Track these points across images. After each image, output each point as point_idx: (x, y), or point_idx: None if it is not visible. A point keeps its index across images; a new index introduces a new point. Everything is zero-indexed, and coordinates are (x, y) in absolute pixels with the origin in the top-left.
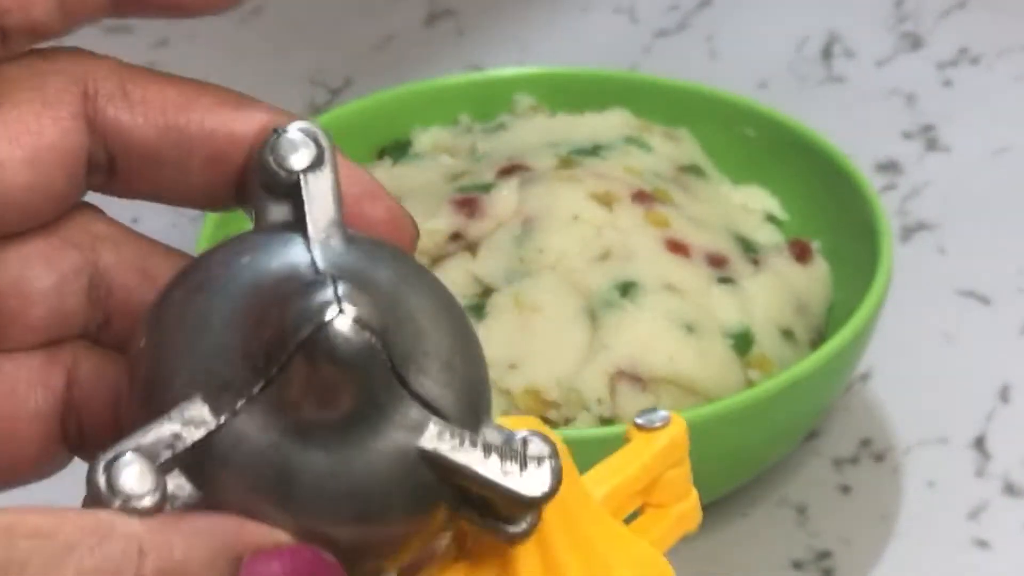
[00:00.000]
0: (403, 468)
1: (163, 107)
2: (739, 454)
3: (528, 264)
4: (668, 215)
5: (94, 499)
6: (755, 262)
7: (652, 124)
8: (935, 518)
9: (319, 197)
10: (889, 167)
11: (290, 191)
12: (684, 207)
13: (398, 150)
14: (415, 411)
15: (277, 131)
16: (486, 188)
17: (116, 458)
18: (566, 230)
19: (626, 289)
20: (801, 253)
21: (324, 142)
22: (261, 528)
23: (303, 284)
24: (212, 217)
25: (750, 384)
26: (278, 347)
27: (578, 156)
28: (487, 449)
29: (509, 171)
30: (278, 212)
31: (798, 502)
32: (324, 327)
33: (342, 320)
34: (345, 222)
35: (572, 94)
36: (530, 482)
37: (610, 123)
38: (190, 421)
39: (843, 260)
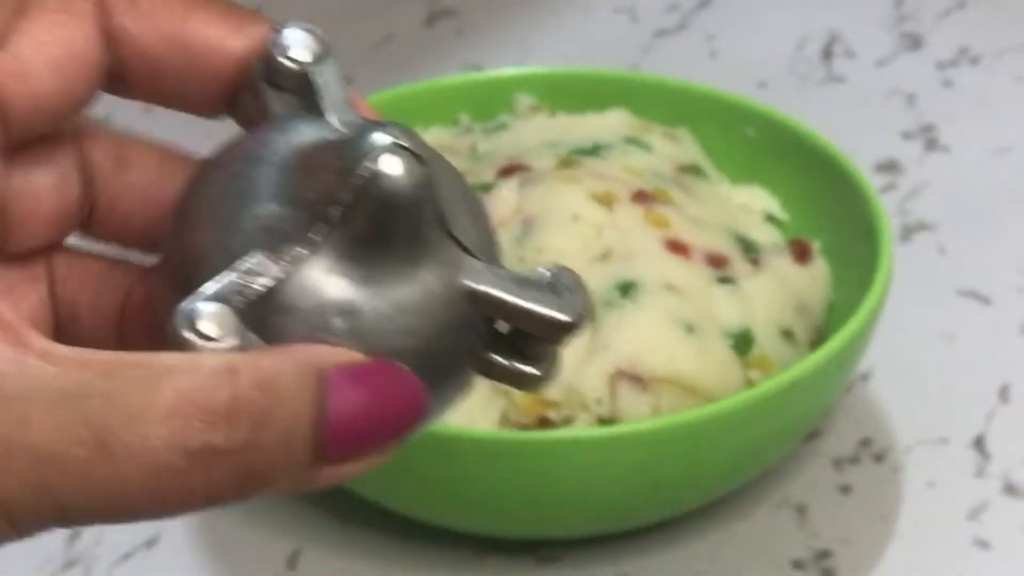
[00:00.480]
0: (451, 305)
1: (169, 18)
2: (739, 454)
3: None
4: (668, 215)
5: (178, 346)
6: (755, 262)
7: (652, 124)
8: (935, 518)
9: (331, 84)
10: (889, 167)
11: (297, 83)
12: (684, 207)
13: None
14: (455, 252)
15: (278, 29)
16: (486, 188)
17: (194, 306)
18: (566, 230)
19: (626, 289)
20: (801, 253)
21: (324, 38)
22: (338, 349)
23: (344, 139)
24: None
25: (750, 384)
26: (338, 189)
27: (578, 156)
28: (521, 282)
29: (509, 171)
30: (283, 104)
31: (798, 502)
32: (384, 161)
33: (401, 154)
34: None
35: (572, 94)
36: (565, 307)
37: (610, 123)
38: (256, 272)
39: (843, 260)
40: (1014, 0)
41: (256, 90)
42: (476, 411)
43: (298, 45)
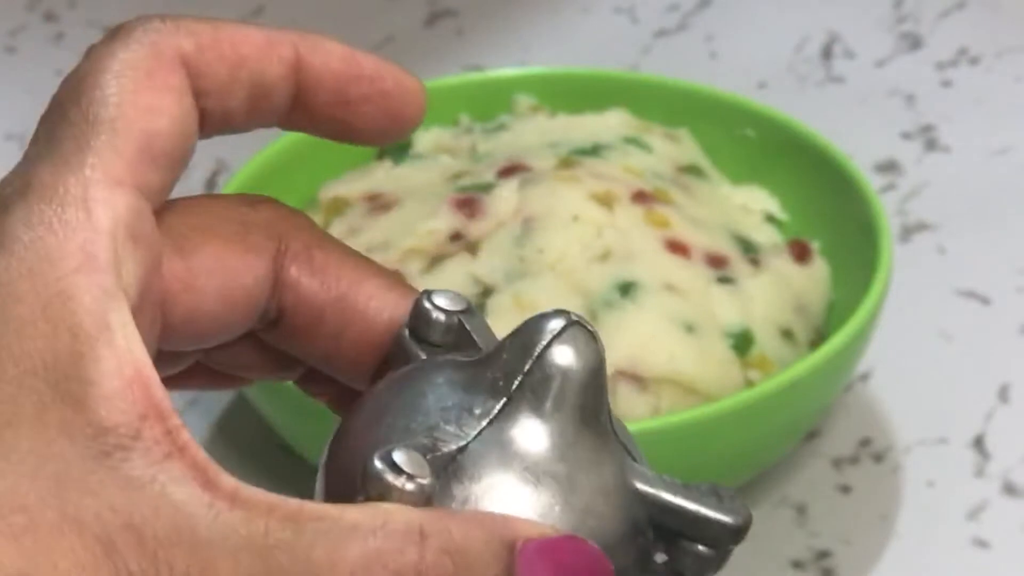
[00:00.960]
0: (625, 500)
1: (339, 276)
2: (739, 454)
3: (528, 264)
4: (668, 215)
5: (372, 487)
6: (755, 262)
7: (652, 124)
8: (934, 518)
9: (482, 328)
10: (889, 167)
11: (447, 336)
12: (684, 207)
13: (398, 150)
14: (621, 452)
15: (428, 292)
16: (486, 188)
17: (389, 451)
18: (566, 230)
19: (626, 289)
20: (801, 253)
21: (467, 298)
22: (529, 521)
23: (537, 320)
24: None
25: (750, 384)
26: (520, 360)
27: (578, 156)
28: (687, 488)
29: (509, 171)
30: (431, 354)
31: (798, 502)
32: (563, 333)
33: (579, 327)
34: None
35: (572, 94)
36: (731, 512)
37: (610, 123)
38: (441, 438)
39: (843, 260)
40: (1014, 0)
41: (403, 347)
42: None
43: (448, 300)
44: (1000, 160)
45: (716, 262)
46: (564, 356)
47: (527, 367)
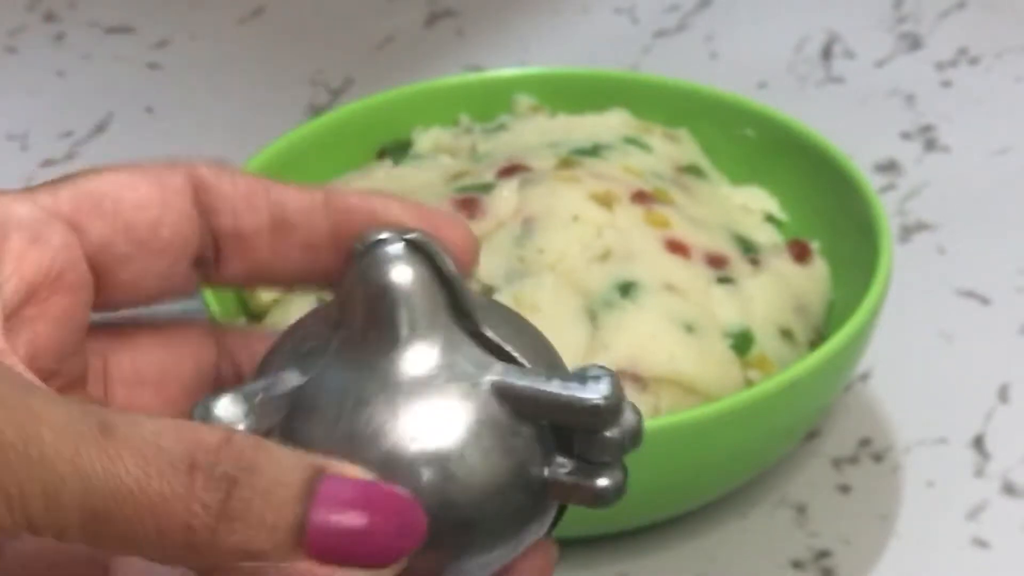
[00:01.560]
0: (474, 402)
1: (264, 187)
2: (739, 454)
3: (528, 264)
4: (668, 215)
5: None
6: (755, 262)
7: (652, 124)
8: (934, 518)
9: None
10: (888, 167)
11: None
12: (684, 207)
13: (398, 150)
14: (480, 353)
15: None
16: (486, 188)
17: (213, 396)
18: (566, 230)
19: (626, 289)
20: (800, 253)
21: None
22: (347, 463)
23: (357, 248)
24: None
25: (750, 384)
26: (345, 290)
27: (578, 156)
28: (548, 376)
29: (509, 171)
30: None
31: (798, 502)
32: (377, 245)
33: (394, 242)
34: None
35: (572, 94)
36: (591, 391)
37: (610, 123)
38: (283, 380)
39: (842, 260)
40: (1014, 1)
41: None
42: None
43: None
44: (1000, 160)
45: (716, 262)
46: (373, 278)
47: (345, 298)
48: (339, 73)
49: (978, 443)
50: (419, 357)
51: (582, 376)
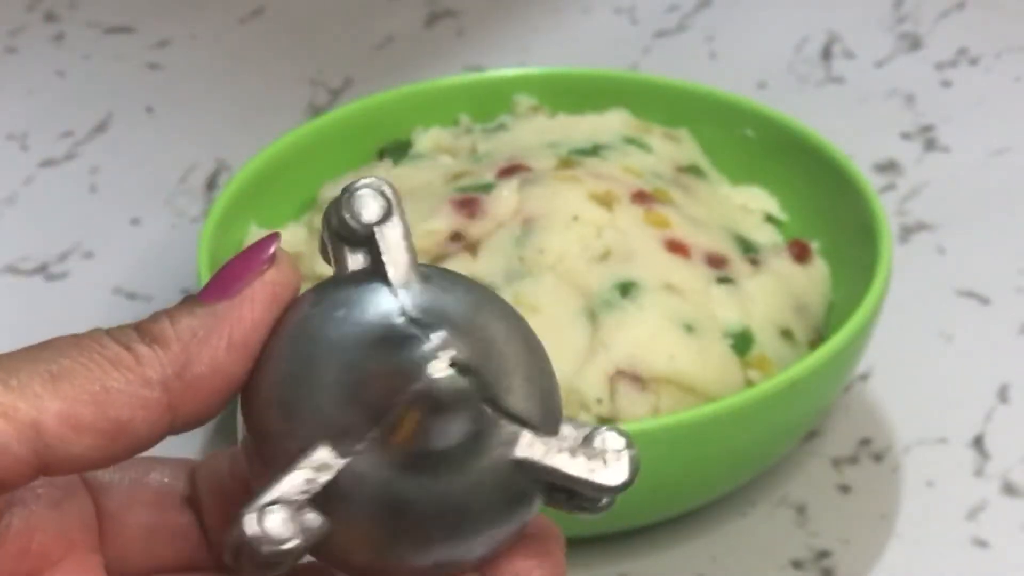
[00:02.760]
0: (501, 479)
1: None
2: (739, 454)
3: (528, 264)
4: (668, 215)
5: (242, 547)
6: (754, 262)
7: (652, 124)
8: (934, 518)
9: (393, 245)
10: (888, 167)
11: (365, 241)
12: (684, 207)
13: (398, 150)
14: (507, 427)
15: (347, 189)
16: (486, 188)
17: (263, 509)
18: (566, 230)
19: (626, 289)
20: (800, 253)
21: (391, 195)
22: None
23: (402, 338)
24: (213, 218)
25: (749, 384)
26: (389, 397)
27: (578, 156)
28: (572, 451)
29: (509, 171)
30: (355, 261)
31: (798, 502)
32: (429, 379)
33: (443, 371)
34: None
35: (572, 94)
36: (613, 474)
37: (610, 123)
38: (318, 466)
39: (842, 260)
40: (1013, 0)
41: (328, 245)
42: None
43: (364, 204)
44: (999, 160)
45: (716, 262)
46: (431, 402)
47: (396, 407)
48: (339, 73)
49: (978, 443)
50: (467, 460)
51: (603, 450)
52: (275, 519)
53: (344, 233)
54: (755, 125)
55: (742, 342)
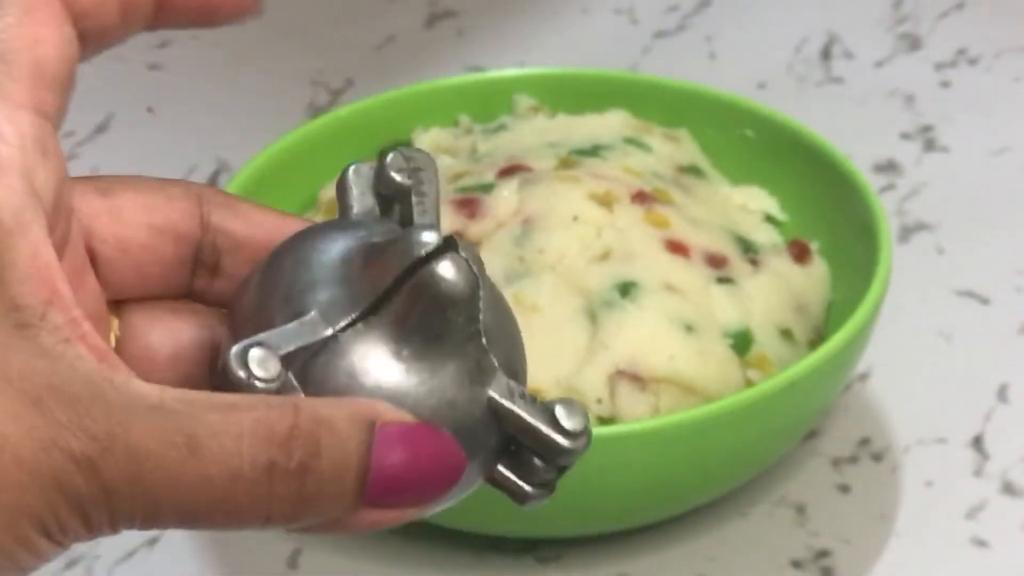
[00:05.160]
0: (477, 406)
1: (261, 221)
2: (738, 454)
3: (528, 264)
4: (668, 215)
5: (227, 382)
6: (754, 262)
7: (651, 125)
8: (934, 517)
9: (429, 205)
10: (888, 167)
11: (398, 194)
12: (683, 207)
13: None
14: (487, 363)
15: (393, 148)
16: (486, 189)
17: (247, 349)
18: (566, 230)
19: (626, 289)
20: (800, 253)
21: (429, 159)
22: (392, 408)
23: (418, 229)
24: None
25: (749, 384)
26: (390, 278)
27: (578, 157)
28: (534, 409)
29: (509, 171)
30: (362, 206)
31: (797, 501)
32: (437, 259)
33: (453, 256)
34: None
35: (572, 95)
36: (568, 436)
37: (610, 124)
38: (308, 327)
39: (842, 260)
40: (1012, 1)
41: (345, 191)
42: None
43: (402, 164)
44: (999, 160)
45: (716, 262)
46: (436, 278)
47: (400, 277)
48: (339, 73)
49: (977, 443)
50: (444, 362)
51: (560, 414)
52: (258, 359)
53: (380, 185)
54: (755, 125)
55: (742, 342)
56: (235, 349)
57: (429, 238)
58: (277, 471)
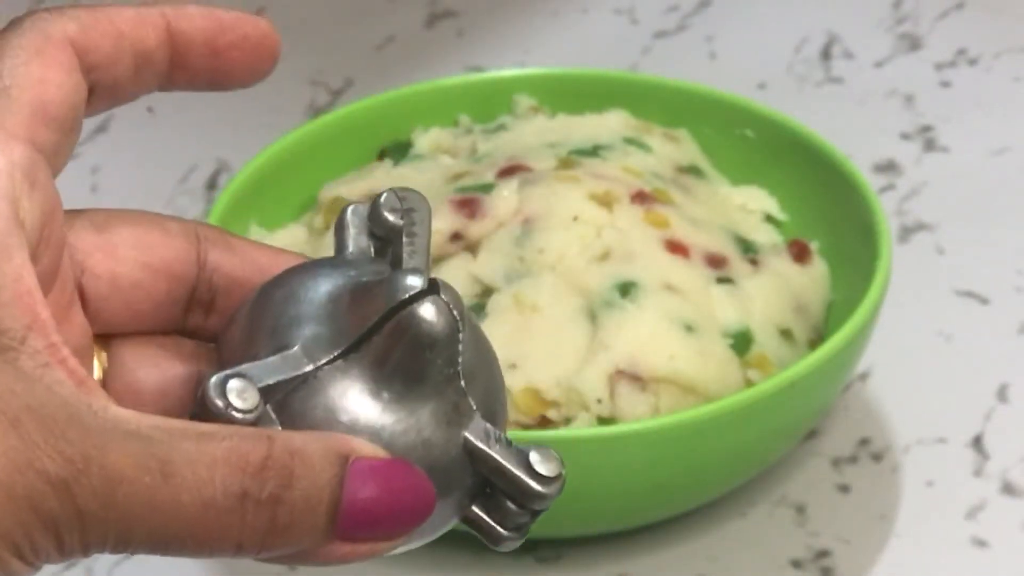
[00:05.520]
0: (453, 447)
1: (256, 259)
2: (739, 454)
3: (528, 264)
4: (667, 215)
5: (205, 413)
6: (754, 262)
7: (651, 125)
8: (933, 517)
9: (420, 239)
10: (888, 168)
11: (390, 234)
12: (683, 207)
13: (399, 151)
14: (465, 406)
15: (388, 191)
16: (486, 189)
17: (227, 379)
18: (566, 230)
19: (626, 289)
20: (800, 253)
21: (422, 201)
22: (365, 443)
23: (404, 273)
24: (213, 218)
25: (749, 384)
26: (376, 313)
27: (578, 157)
28: (510, 453)
29: (509, 172)
30: (357, 245)
31: (797, 502)
32: (419, 301)
33: (435, 299)
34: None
35: (572, 95)
36: (543, 482)
37: (609, 124)
38: (290, 362)
39: (842, 260)
40: (1012, 1)
41: (342, 231)
42: None
43: (397, 204)
44: (999, 160)
45: (715, 262)
46: (416, 319)
47: (382, 318)
48: (339, 73)
49: (977, 443)
50: (421, 401)
51: (539, 460)
52: (238, 389)
53: (374, 224)
54: (755, 125)
55: (742, 342)
56: (215, 379)
57: (414, 282)
58: (249, 501)
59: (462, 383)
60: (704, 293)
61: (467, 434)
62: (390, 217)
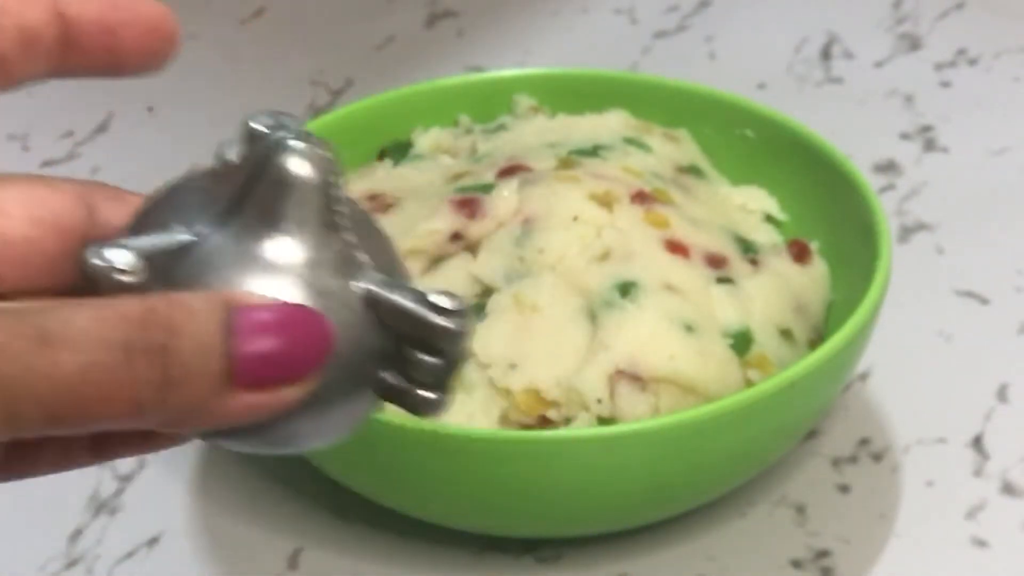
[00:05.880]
0: (347, 298)
1: None
2: (739, 454)
3: (528, 264)
4: (667, 215)
5: (88, 277)
6: (754, 262)
7: (651, 125)
8: (933, 517)
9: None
10: (887, 168)
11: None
12: (683, 207)
13: (399, 151)
14: (357, 257)
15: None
16: (486, 189)
17: (104, 246)
18: (566, 230)
19: (626, 289)
20: (800, 253)
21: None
22: (251, 294)
23: (276, 136)
24: None
25: (749, 384)
26: (253, 167)
27: (578, 157)
28: (415, 293)
29: (509, 172)
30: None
31: (797, 501)
32: (291, 145)
33: (299, 145)
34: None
35: (572, 95)
36: (450, 318)
37: (609, 124)
38: (169, 234)
39: (842, 260)
40: (1012, 1)
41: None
42: (476, 410)
43: (270, 118)
44: (999, 160)
45: (715, 262)
46: (283, 160)
47: (253, 173)
48: (340, 74)
49: (977, 443)
50: (305, 249)
51: (440, 297)
52: (118, 252)
53: (251, 135)
54: (755, 125)
55: (742, 342)
56: (93, 246)
57: (284, 136)
58: (136, 352)
59: (349, 237)
60: (704, 293)
61: (362, 283)
62: (259, 126)
